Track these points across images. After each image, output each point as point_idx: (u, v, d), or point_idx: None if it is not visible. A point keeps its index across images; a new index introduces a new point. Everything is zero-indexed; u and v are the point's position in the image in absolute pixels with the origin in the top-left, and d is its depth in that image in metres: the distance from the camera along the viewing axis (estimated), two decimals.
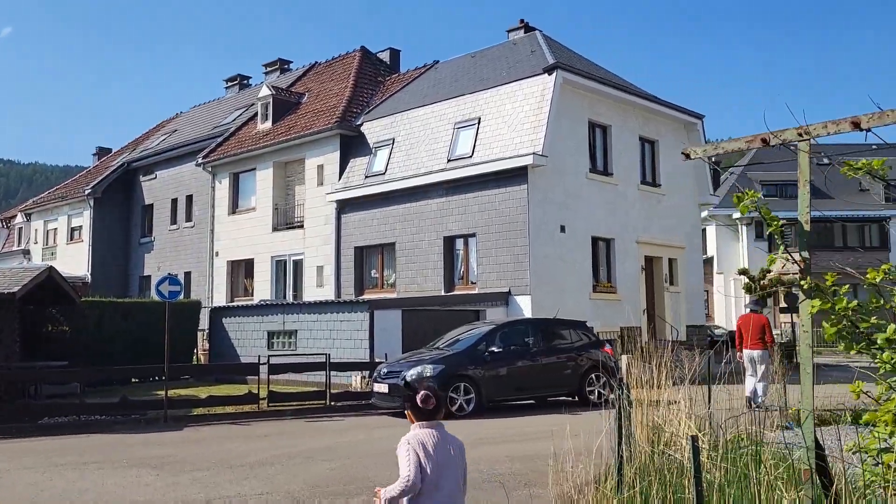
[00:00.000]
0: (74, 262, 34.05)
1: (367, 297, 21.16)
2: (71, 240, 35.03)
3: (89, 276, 32.70)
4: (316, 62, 32.13)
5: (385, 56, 29.82)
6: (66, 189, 36.95)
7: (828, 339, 4.30)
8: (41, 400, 14.06)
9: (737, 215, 40.53)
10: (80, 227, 34.30)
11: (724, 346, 15.62)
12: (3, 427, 12.24)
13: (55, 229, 36.39)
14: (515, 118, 19.58)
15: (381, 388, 13.30)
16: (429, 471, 3.47)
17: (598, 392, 14.14)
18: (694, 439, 3.99)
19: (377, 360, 15.46)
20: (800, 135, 4.32)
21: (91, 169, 38.66)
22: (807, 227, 4.19)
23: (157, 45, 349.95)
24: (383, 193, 22.07)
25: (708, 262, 38.99)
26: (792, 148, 4.42)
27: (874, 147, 4.93)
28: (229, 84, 36.80)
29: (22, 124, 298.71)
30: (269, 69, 34.50)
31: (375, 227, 22.37)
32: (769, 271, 34.31)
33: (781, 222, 4.38)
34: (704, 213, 27.63)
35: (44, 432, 12.31)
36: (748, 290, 34.62)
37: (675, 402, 6.44)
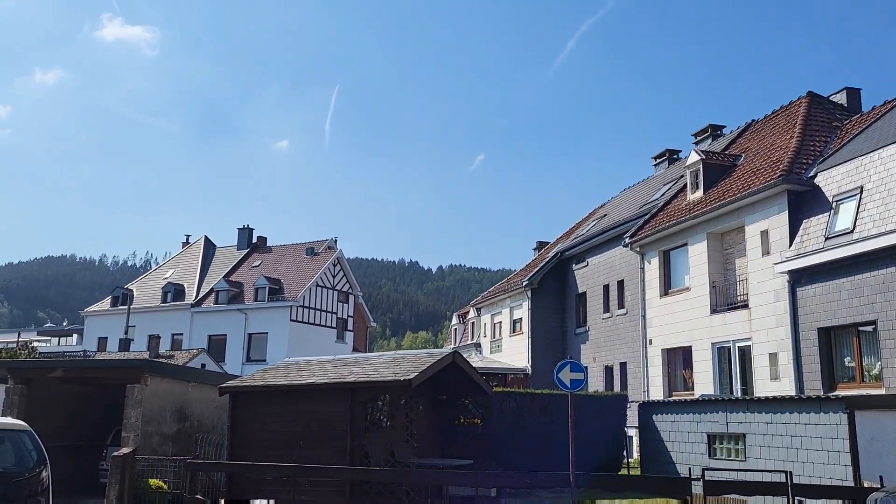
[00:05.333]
0: (517, 353, 34.58)
1: (840, 392, 16.06)
2: (514, 332, 35.77)
3: (530, 368, 32.66)
4: (753, 120, 28.15)
5: (840, 98, 24.55)
6: (508, 283, 38.35)
7: None
8: None
9: None
10: (521, 318, 34.84)
11: None
12: None
13: (500, 322, 37.72)
14: None
15: None
16: None
17: None
18: None
19: (867, 486, 10.73)
20: None
21: (530, 262, 39.67)
22: None
23: (585, 135, 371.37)
24: (852, 257, 17.00)
25: None
26: None
27: None
28: (657, 161, 34.69)
29: (498, 237, 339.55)
30: (699, 138, 31.48)
31: (846, 302, 17.25)
32: None
33: None
34: None
35: None
36: None
37: None
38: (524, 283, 33.24)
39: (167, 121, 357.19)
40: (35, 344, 62.93)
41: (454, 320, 50.29)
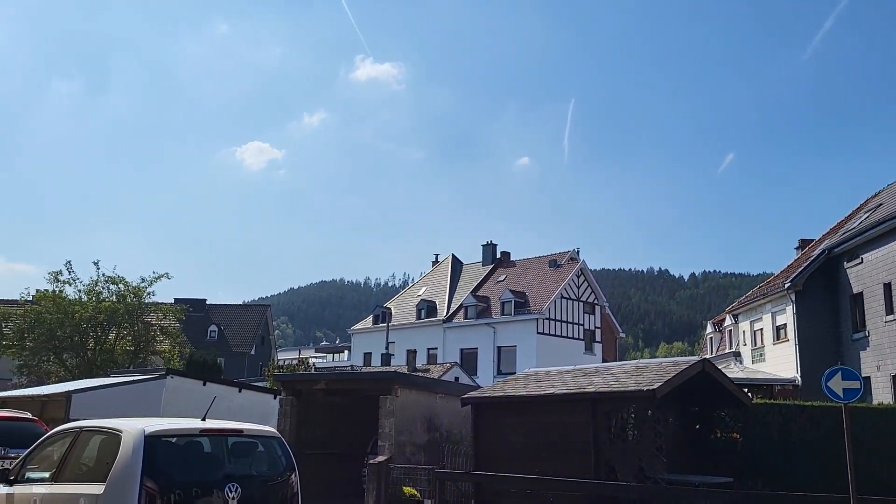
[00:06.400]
0: (782, 362, 31.53)
1: None
2: (777, 339, 32.71)
3: (799, 379, 29.59)
4: None
5: None
6: (768, 286, 35.25)
7: None
8: None
9: None
10: (784, 324, 31.76)
11: None
12: None
13: (760, 329, 34.71)
14: None
15: None
16: None
17: None
18: None
19: None
20: None
21: (792, 262, 36.13)
22: None
23: (847, 122, 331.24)
24: None
25: None
26: None
27: None
28: None
29: (755, 239, 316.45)
30: None
31: None
32: None
33: None
34: None
35: None
36: None
37: None
38: (786, 286, 30.25)
39: (414, 149, 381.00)
40: (312, 360, 69.66)
41: (708, 329, 47.30)
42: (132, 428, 6.47)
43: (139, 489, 5.96)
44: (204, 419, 7.08)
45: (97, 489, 6.25)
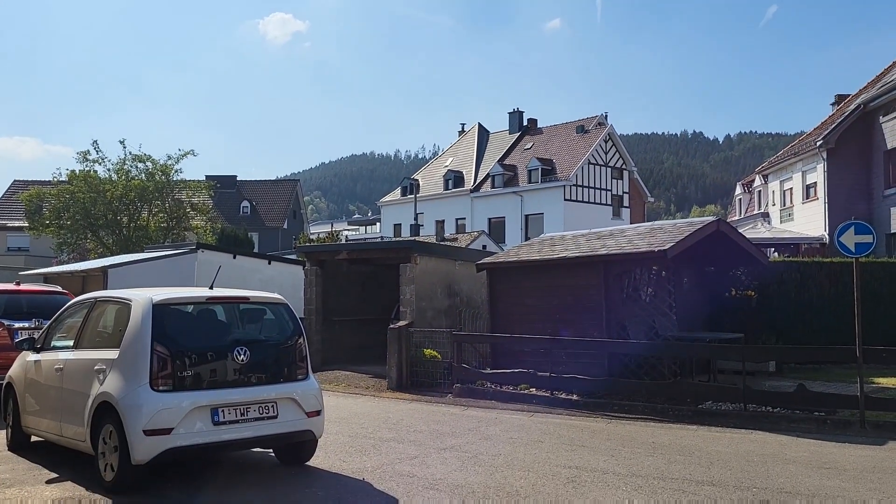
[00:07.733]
0: (811, 222, 31.23)
1: None
2: (807, 198, 32.24)
3: (826, 237, 29.37)
4: None
5: None
6: (798, 145, 34.33)
7: None
8: (712, 379, 11.94)
9: None
10: (815, 183, 31.19)
11: None
12: (661, 407, 10.63)
13: (790, 189, 34.17)
14: None
15: None
16: None
17: None
18: None
19: None
20: None
21: (826, 119, 34.94)
22: None
23: None
24: None
25: None
26: None
27: None
28: None
29: (794, 97, 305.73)
30: None
31: None
32: None
33: None
34: None
35: (701, 420, 10.17)
36: None
37: None
38: (818, 143, 29.41)
39: (442, 15, 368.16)
40: (345, 233, 70.54)
41: (738, 190, 46.64)
42: (141, 297, 6.72)
43: (150, 353, 6.27)
44: (211, 287, 7.31)
45: (113, 353, 6.60)
